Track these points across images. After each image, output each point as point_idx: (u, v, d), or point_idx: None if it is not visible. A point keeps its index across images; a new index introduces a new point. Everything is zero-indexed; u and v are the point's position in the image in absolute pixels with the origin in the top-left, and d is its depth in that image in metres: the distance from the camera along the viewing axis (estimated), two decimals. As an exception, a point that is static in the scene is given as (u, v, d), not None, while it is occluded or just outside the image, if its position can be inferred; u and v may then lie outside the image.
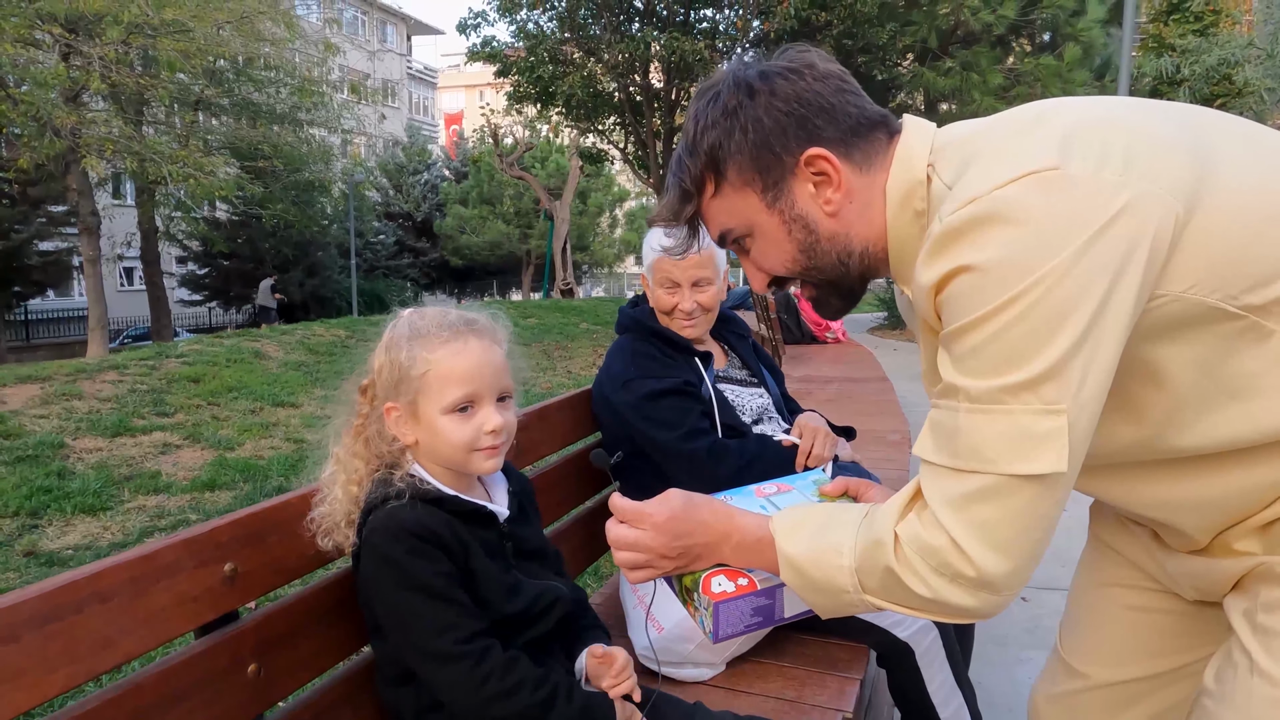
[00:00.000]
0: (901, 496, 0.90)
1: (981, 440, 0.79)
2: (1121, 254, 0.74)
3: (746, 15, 12.90)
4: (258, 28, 15.14)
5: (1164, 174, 0.77)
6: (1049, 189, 0.76)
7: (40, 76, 12.32)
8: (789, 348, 7.84)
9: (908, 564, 0.85)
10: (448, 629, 1.08)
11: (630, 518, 1.06)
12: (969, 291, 0.78)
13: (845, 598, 0.93)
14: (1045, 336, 0.75)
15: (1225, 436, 0.82)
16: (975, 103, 13.25)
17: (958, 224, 0.78)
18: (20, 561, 3.67)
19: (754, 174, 0.95)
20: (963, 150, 0.88)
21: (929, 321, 0.88)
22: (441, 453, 1.16)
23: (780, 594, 1.09)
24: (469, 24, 13.86)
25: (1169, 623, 1.07)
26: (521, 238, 29.85)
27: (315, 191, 21.98)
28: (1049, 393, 0.76)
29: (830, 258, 0.97)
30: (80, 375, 6.50)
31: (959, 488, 0.81)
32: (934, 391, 0.86)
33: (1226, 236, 0.77)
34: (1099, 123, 0.81)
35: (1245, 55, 12.38)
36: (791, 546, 0.97)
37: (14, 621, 0.82)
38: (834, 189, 0.94)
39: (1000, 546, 0.80)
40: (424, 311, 1.19)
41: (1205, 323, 0.78)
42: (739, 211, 0.98)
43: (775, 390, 2.00)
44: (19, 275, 20.27)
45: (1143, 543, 1.05)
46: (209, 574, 1.03)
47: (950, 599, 0.83)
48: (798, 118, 0.93)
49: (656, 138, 14.12)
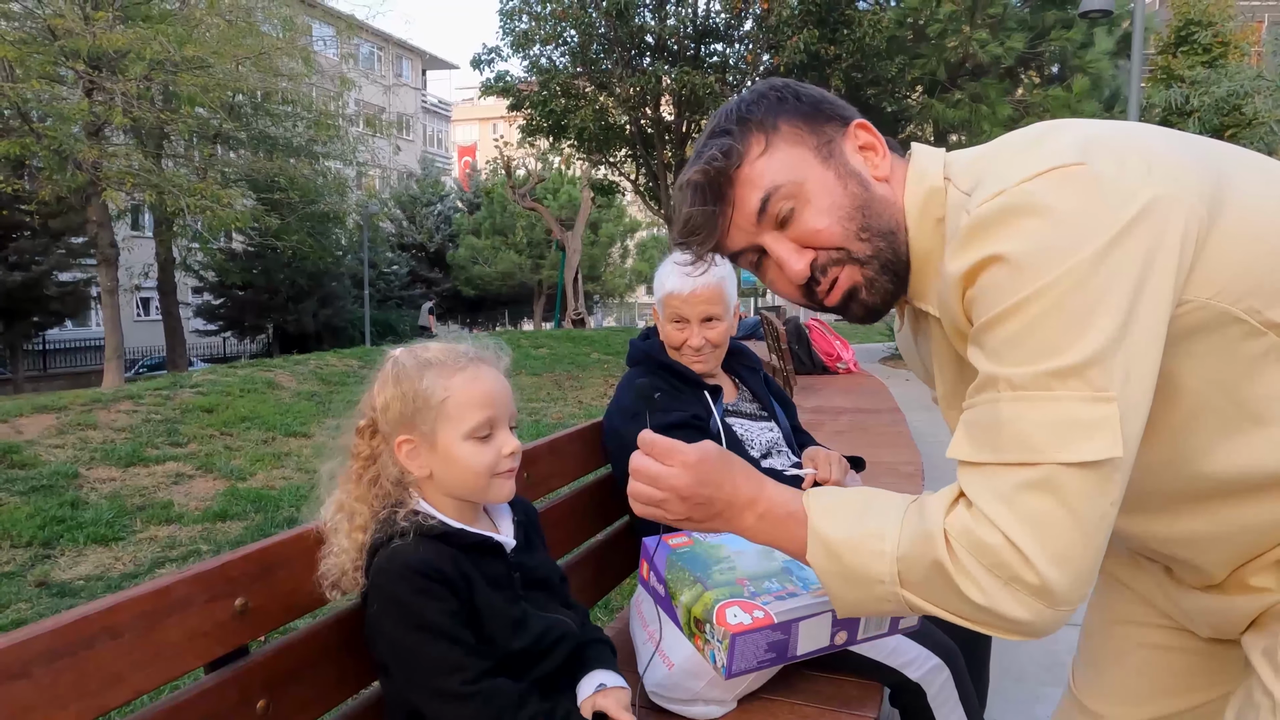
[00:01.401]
0: (946, 493, 0.83)
1: (1028, 428, 0.74)
2: (1149, 250, 0.73)
3: (756, 49, 13.07)
4: (276, 64, 15.48)
5: (1185, 179, 0.77)
6: (1076, 183, 0.75)
7: (64, 111, 12.61)
8: (800, 378, 7.83)
9: (960, 563, 0.77)
10: (456, 669, 1.07)
11: (660, 452, 0.95)
12: (1001, 281, 0.76)
13: (878, 589, 0.84)
14: (1083, 323, 0.73)
15: (1249, 463, 0.80)
16: (985, 134, 13.32)
17: (987, 215, 0.77)
18: (32, 592, 3.67)
19: (807, 130, 0.94)
20: (974, 167, 0.89)
21: (957, 324, 0.85)
22: (459, 481, 1.16)
23: (796, 629, 1.06)
24: (483, 59, 14.10)
25: (1184, 661, 1.04)
26: (533, 268, 30.06)
27: (330, 223, 22.24)
28: (1097, 379, 0.72)
29: (884, 221, 0.92)
30: (96, 405, 6.55)
31: (1007, 481, 0.75)
32: (967, 392, 0.82)
33: (1250, 247, 0.77)
34: (1115, 134, 0.82)
35: (1255, 87, 12.41)
36: (827, 525, 0.88)
37: (25, 657, 0.82)
38: (881, 158, 0.95)
39: (1060, 553, 0.73)
40: (424, 345, 1.21)
41: (1227, 336, 0.77)
42: (791, 165, 0.93)
43: (785, 423, 2.00)
44: (38, 305, 20.52)
45: (1155, 579, 1.03)
46: (220, 608, 1.04)
47: (1003, 608, 0.76)
48: (830, 102, 0.97)
49: (668, 170, 14.24)
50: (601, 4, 12.39)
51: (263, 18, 16.32)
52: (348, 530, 1.15)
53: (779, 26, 12.21)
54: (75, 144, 12.68)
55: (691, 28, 12.98)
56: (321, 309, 25.57)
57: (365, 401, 1.20)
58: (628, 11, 12.34)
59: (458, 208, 34.24)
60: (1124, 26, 13.31)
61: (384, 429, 1.18)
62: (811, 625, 1.08)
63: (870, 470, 2.14)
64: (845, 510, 0.89)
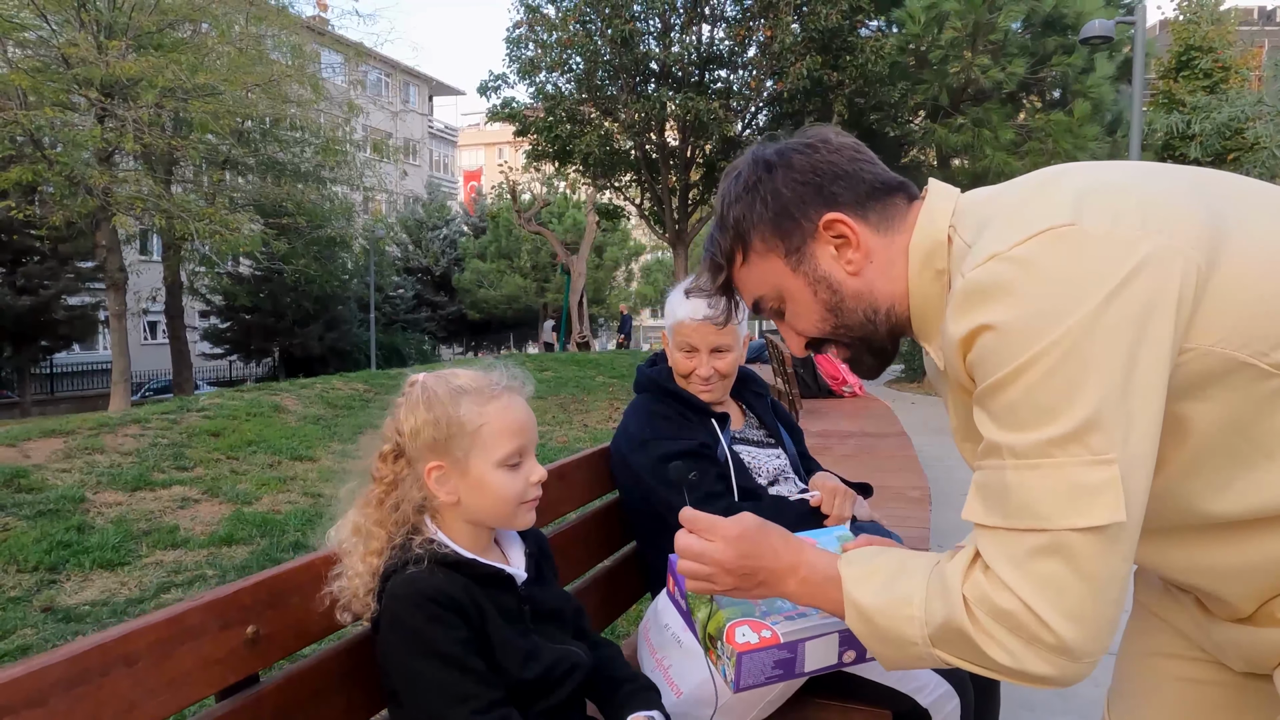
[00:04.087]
0: (964, 557, 0.86)
1: (1033, 497, 0.77)
2: (1144, 306, 0.74)
3: (760, 75, 13.20)
4: (285, 90, 15.68)
5: (1180, 229, 0.77)
6: (1067, 245, 0.77)
7: (76, 138, 12.76)
8: (805, 402, 7.81)
9: (982, 629, 0.81)
10: (467, 698, 1.07)
11: (702, 529, 1.05)
12: (996, 349, 0.78)
13: (913, 650, 0.89)
14: (1079, 387, 0.74)
15: (1265, 499, 0.80)
16: (987, 158, 13.41)
17: (979, 282, 0.80)
18: (38, 617, 3.67)
19: (777, 240, 1.00)
20: (980, 212, 0.91)
21: (960, 381, 0.89)
22: (487, 508, 1.17)
23: (802, 649, 1.09)
24: (489, 86, 14.28)
25: (1220, 695, 1.03)
26: (538, 291, 30.19)
27: (337, 247, 22.40)
28: (1096, 443, 0.74)
29: (857, 315, 1.00)
30: (103, 429, 6.57)
31: (1019, 547, 0.79)
32: (977, 453, 0.85)
33: (1251, 291, 0.77)
34: (1110, 184, 0.83)
35: (1256, 112, 12.48)
36: (860, 593, 0.93)
37: (41, 685, 0.83)
38: (854, 250, 0.98)
39: (1073, 612, 0.77)
40: (454, 371, 1.21)
41: (1236, 380, 0.77)
42: (767, 277, 1.03)
43: (793, 450, 2.00)
44: (46, 329, 20.66)
45: (1188, 611, 1.02)
46: (232, 636, 1.04)
47: (1029, 667, 0.80)
48: (814, 186, 0.99)
49: (672, 194, 14.35)
50: (607, 32, 12.55)
51: (272, 45, 16.56)
52: (362, 554, 1.15)
53: (782, 53, 12.35)
54: (86, 170, 12.83)
55: (696, 54, 13.13)
56: (327, 332, 25.67)
57: (389, 425, 1.19)
58: (632, 39, 12.50)
59: (463, 231, 34.47)
60: (1125, 52, 13.44)
61: (411, 454, 1.17)
62: (818, 645, 1.11)
63: (878, 495, 2.13)
64: (877, 576, 0.94)
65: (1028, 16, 13.68)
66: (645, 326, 47.49)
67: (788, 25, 12.26)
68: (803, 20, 12.49)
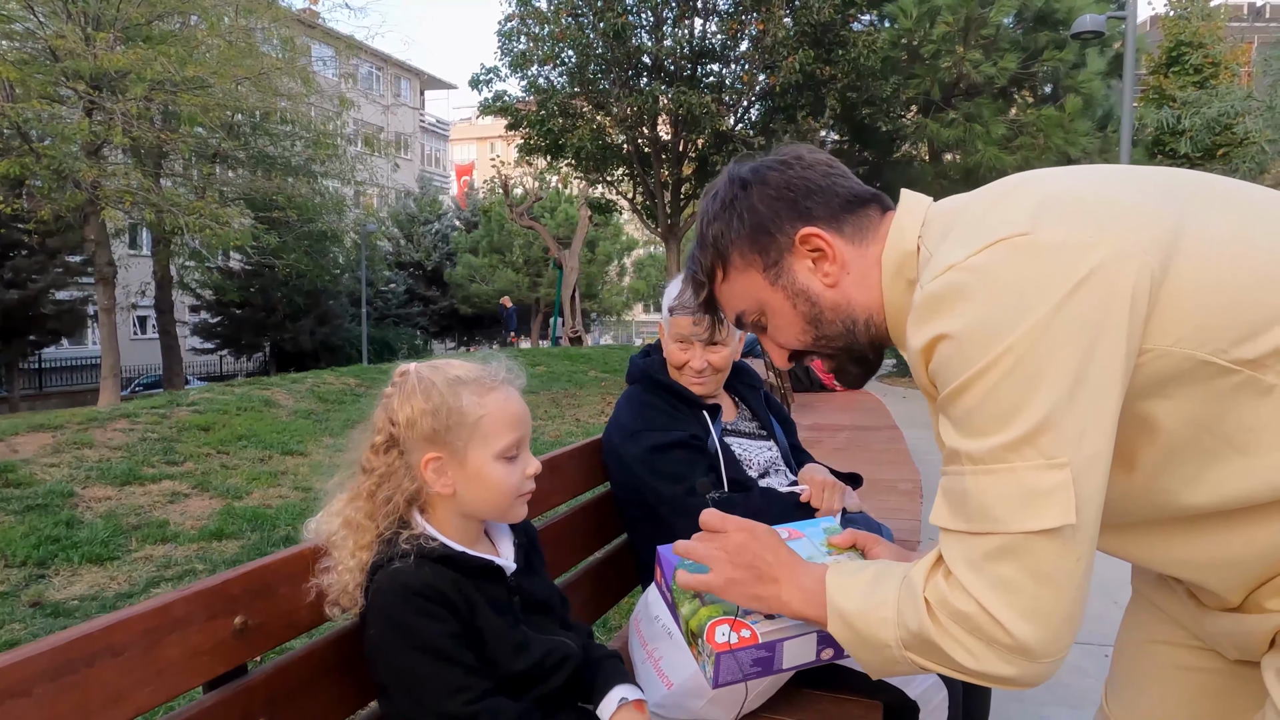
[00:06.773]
0: (927, 560, 0.90)
1: (989, 500, 0.80)
2: (1097, 310, 0.76)
3: (752, 70, 13.18)
4: (275, 83, 15.56)
5: (1135, 233, 0.79)
6: (1020, 254, 0.78)
7: (64, 131, 12.65)
8: (797, 395, 7.82)
9: (944, 630, 0.85)
10: (459, 690, 1.07)
11: (715, 524, 1.09)
12: (951, 358, 0.81)
13: (887, 653, 0.92)
14: (1030, 392, 0.76)
15: (1235, 492, 0.82)
16: (979, 153, 13.44)
17: (935, 293, 0.82)
18: (26, 612, 3.65)
19: (754, 255, 1.03)
20: (945, 221, 0.93)
21: (926, 389, 0.92)
22: (484, 500, 1.16)
23: (781, 648, 1.10)
24: (481, 79, 14.20)
25: (1215, 683, 1.04)
26: (531, 286, 30.13)
27: (328, 241, 22.28)
28: (1048, 446, 0.76)
29: (836, 326, 1.03)
30: (92, 424, 6.53)
31: (976, 549, 0.81)
32: (943, 459, 0.88)
33: (1209, 290, 0.78)
34: (1069, 191, 0.85)
35: (1245, 107, 12.53)
36: (842, 599, 0.97)
37: (26, 675, 0.82)
38: (830, 262, 1.01)
39: (1028, 612, 0.79)
40: (448, 362, 1.20)
41: (1198, 377, 0.79)
42: (747, 292, 1.06)
43: (784, 442, 2.00)
44: (34, 324, 20.50)
45: (1181, 600, 1.04)
46: (220, 627, 1.03)
47: (991, 668, 0.82)
48: (789, 201, 1.02)
49: (664, 188, 14.32)
50: (599, 25, 12.51)
51: (263, 38, 16.43)
52: (352, 549, 1.13)
53: (774, 47, 12.32)
54: (74, 163, 12.72)
55: (688, 48, 13.08)
56: (319, 327, 25.56)
57: (380, 416, 1.16)
58: (625, 32, 12.45)
59: (455, 226, 34.35)
60: (1116, 47, 13.47)
61: (405, 445, 1.14)
62: (796, 644, 1.12)
63: (868, 488, 2.13)
64: (858, 583, 0.98)
65: (1019, 11, 13.71)
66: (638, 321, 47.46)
67: (780, 19, 12.23)
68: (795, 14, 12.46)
